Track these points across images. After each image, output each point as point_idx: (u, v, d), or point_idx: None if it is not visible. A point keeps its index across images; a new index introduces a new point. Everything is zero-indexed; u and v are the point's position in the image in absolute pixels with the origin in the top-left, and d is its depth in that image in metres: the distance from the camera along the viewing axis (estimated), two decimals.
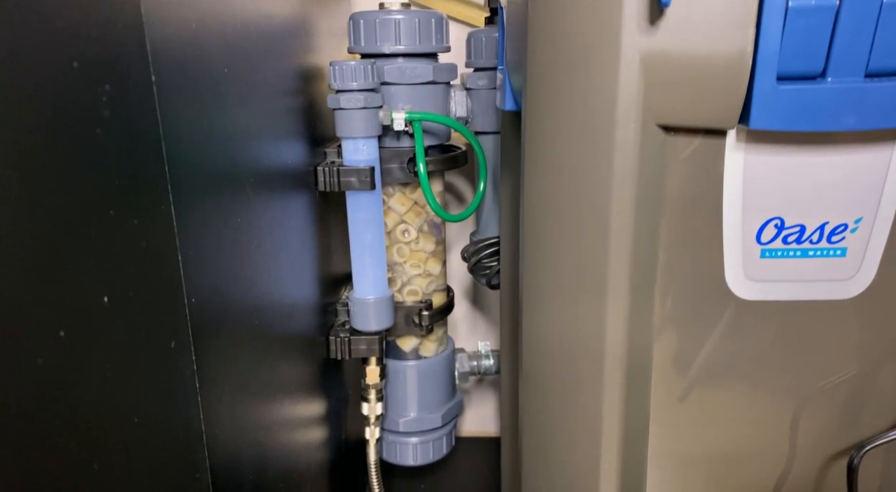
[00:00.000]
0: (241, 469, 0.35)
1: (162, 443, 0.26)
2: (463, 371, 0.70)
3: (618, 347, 0.36)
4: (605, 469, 0.38)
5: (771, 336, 0.36)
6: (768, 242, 0.34)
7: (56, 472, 0.19)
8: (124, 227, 0.23)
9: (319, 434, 0.57)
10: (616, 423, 0.38)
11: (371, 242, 0.58)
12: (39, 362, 0.18)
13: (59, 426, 0.19)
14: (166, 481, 0.26)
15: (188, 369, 0.27)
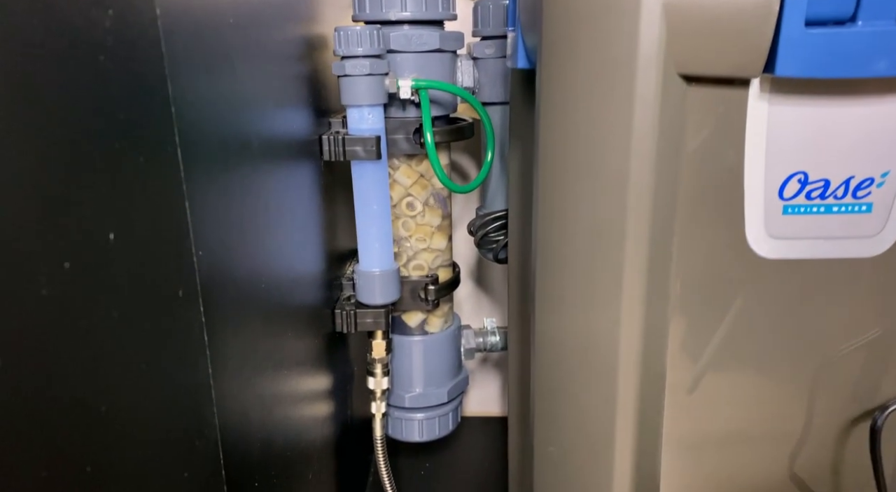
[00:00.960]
0: (250, 432, 0.34)
1: (170, 392, 0.25)
2: (469, 347, 0.70)
3: (635, 313, 0.35)
4: (619, 448, 0.37)
5: (792, 297, 0.35)
6: (791, 197, 0.33)
7: (58, 409, 0.18)
8: (130, 161, 0.22)
9: (325, 408, 0.56)
10: (632, 393, 0.37)
11: (377, 213, 0.57)
12: (43, 293, 0.17)
13: (63, 362, 0.18)
14: (174, 431, 0.25)
15: (196, 321, 0.26)
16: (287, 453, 0.42)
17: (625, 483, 0.39)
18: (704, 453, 0.39)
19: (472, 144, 0.82)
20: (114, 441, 0.21)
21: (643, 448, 0.38)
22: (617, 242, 0.34)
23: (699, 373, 0.37)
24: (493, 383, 0.93)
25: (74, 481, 0.19)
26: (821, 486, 0.40)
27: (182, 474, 0.25)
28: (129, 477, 0.22)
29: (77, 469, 0.19)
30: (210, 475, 0.28)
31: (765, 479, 0.40)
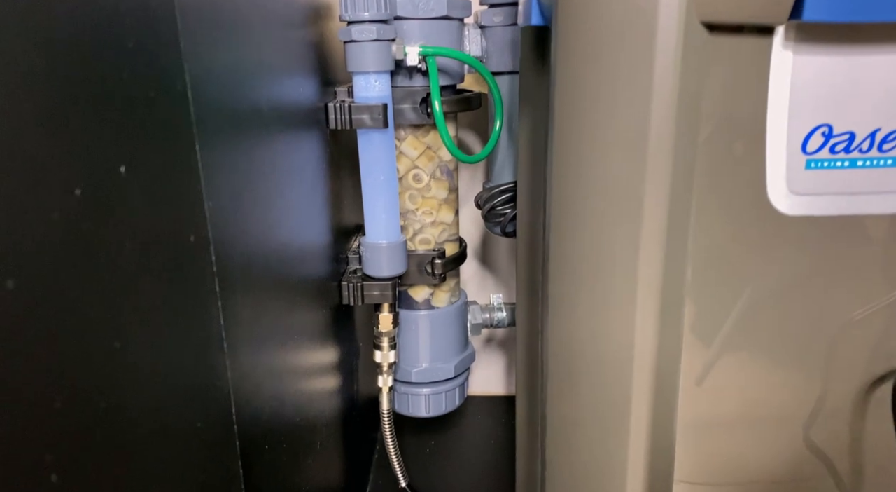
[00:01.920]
0: (259, 384, 0.33)
1: (182, 331, 0.24)
2: (475, 323, 0.69)
3: (653, 276, 0.34)
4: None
5: (814, 256, 0.34)
6: (814, 151, 0.32)
7: (70, 336, 0.17)
8: (142, 102, 0.21)
9: (332, 379, 0.55)
10: (649, 352, 0.36)
11: (383, 183, 0.56)
12: (55, 216, 0.16)
13: (75, 290, 0.18)
14: (186, 373, 0.24)
15: (209, 269, 0.26)
16: (296, 418, 0.41)
17: (640, 451, 0.39)
18: (722, 423, 0.39)
19: (476, 122, 0.81)
20: (126, 377, 0.20)
21: (658, 413, 0.37)
22: (635, 200, 0.34)
23: (719, 340, 0.36)
24: (498, 363, 0.93)
25: (88, 415, 0.18)
26: (836, 454, 0.40)
27: (196, 424, 0.25)
28: (143, 412, 0.21)
29: (91, 404, 0.18)
30: (224, 427, 0.27)
31: (781, 450, 0.40)
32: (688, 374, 0.37)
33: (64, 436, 0.17)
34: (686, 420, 0.38)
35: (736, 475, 0.40)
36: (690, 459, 0.40)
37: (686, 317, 0.36)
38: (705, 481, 0.41)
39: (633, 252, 0.34)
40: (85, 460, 0.18)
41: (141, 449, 0.21)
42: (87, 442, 0.18)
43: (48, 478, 0.16)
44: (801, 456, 0.40)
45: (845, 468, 0.40)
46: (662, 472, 0.41)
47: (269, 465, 0.34)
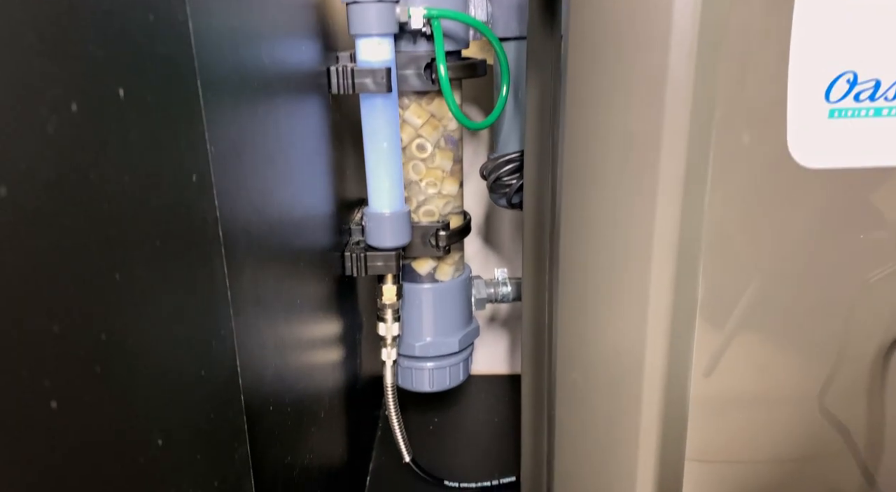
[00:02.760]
0: (263, 346, 0.32)
1: (182, 277, 0.23)
2: (480, 297, 0.68)
3: (671, 231, 0.33)
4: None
5: (835, 212, 0.33)
6: (838, 100, 0.31)
7: (64, 261, 0.16)
8: (140, 18, 0.20)
9: (335, 351, 0.54)
10: (664, 318, 0.35)
11: (387, 150, 0.54)
12: (50, 129, 0.15)
13: (71, 213, 0.16)
14: (187, 315, 0.23)
15: (210, 212, 0.25)
16: (299, 385, 0.40)
17: (652, 429, 0.38)
18: (735, 399, 0.38)
19: (480, 96, 0.80)
20: (127, 311, 0.19)
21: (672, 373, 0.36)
22: (652, 153, 0.33)
23: (736, 298, 0.35)
24: (501, 342, 0.92)
25: (87, 346, 0.17)
26: (853, 426, 0.39)
27: (200, 373, 0.24)
28: (144, 352, 0.20)
29: (91, 335, 0.17)
30: (227, 380, 0.26)
31: (796, 426, 0.39)
32: (702, 341, 0.36)
33: (62, 363, 0.16)
34: (699, 397, 0.37)
35: (749, 453, 0.40)
36: (702, 436, 0.39)
37: (702, 275, 0.35)
38: (717, 459, 0.40)
39: (650, 208, 0.33)
40: (85, 391, 0.17)
41: (143, 389, 0.20)
42: (86, 373, 0.17)
43: (48, 403, 0.15)
44: (816, 430, 0.39)
45: (862, 441, 0.39)
46: (674, 450, 0.40)
47: (274, 425, 0.34)
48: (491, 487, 0.67)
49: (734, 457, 0.40)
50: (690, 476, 0.40)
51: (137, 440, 0.20)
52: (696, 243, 0.34)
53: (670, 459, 0.40)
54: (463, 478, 0.67)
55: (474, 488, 0.67)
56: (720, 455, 0.40)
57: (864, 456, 0.40)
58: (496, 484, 0.67)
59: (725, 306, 0.35)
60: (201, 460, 0.24)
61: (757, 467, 0.40)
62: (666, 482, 0.40)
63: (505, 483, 0.67)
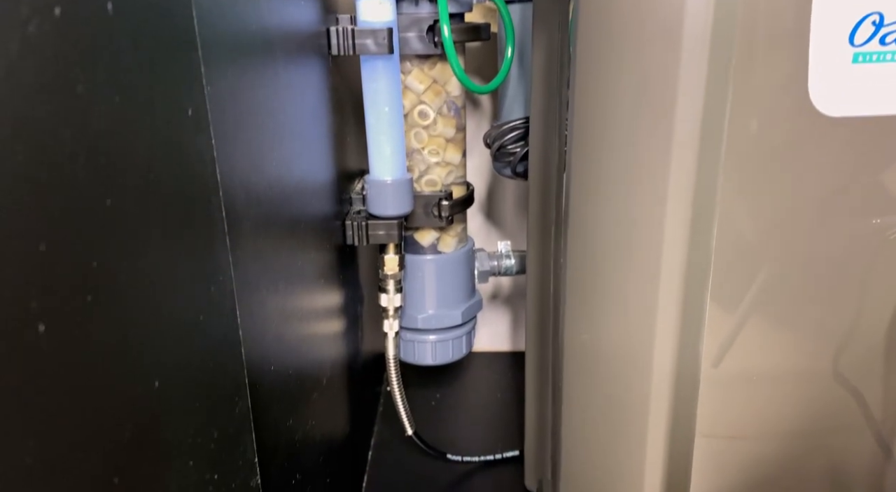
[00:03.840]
0: (264, 303, 0.31)
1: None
2: (483, 270, 0.67)
3: (685, 176, 0.32)
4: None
5: (858, 163, 0.32)
6: (863, 43, 0.30)
7: (49, 176, 0.15)
8: None
9: (336, 322, 0.53)
10: (678, 272, 0.34)
11: (388, 115, 0.53)
12: (30, 30, 0.14)
13: (54, 130, 0.15)
14: (185, 252, 0.22)
15: (206, 142, 0.23)
16: (301, 347, 0.39)
17: (662, 404, 0.37)
18: (747, 372, 0.37)
19: (483, 65, 0.78)
20: (118, 238, 0.18)
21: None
22: (668, 100, 0.31)
23: (752, 250, 0.34)
24: (503, 320, 0.91)
25: (78, 272, 0.16)
26: (868, 393, 0.38)
27: (198, 317, 0.23)
28: (138, 287, 0.19)
29: (80, 261, 0.16)
30: (227, 329, 0.25)
31: (810, 398, 0.38)
32: (715, 297, 0.35)
33: (50, 285, 0.15)
34: (709, 371, 0.36)
35: (761, 428, 0.39)
36: (713, 412, 0.38)
37: (716, 228, 0.33)
38: (728, 434, 0.40)
39: (665, 158, 0.32)
40: (75, 320, 0.16)
41: (138, 326, 0.19)
42: (76, 301, 0.16)
43: (35, 326, 0.14)
44: (830, 401, 0.38)
45: (878, 409, 0.39)
46: (684, 425, 0.39)
47: (275, 385, 0.33)
48: (494, 460, 0.66)
49: (746, 432, 0.39)
50: (700, 451, 0.39)
51: (132, 378, 0.19)
52: (712, 196, 0.33)
53: (681, 434, 0.39)
54: (466, 452, 0.66)
55: (477, 462, 0.66)
56: (731, 431, 0.39)
57: (880, 425, 0.39)
58: (499, 458, 0.66)
59: (741, 259, 0.34)
60: (200, 409, 0.23)
61: (769, 441, 0.39)
62: (676, 456, 0.40)
63: (508, 457, 0.66)
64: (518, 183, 0.87)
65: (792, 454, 0.40)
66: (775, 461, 0.40)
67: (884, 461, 0.40)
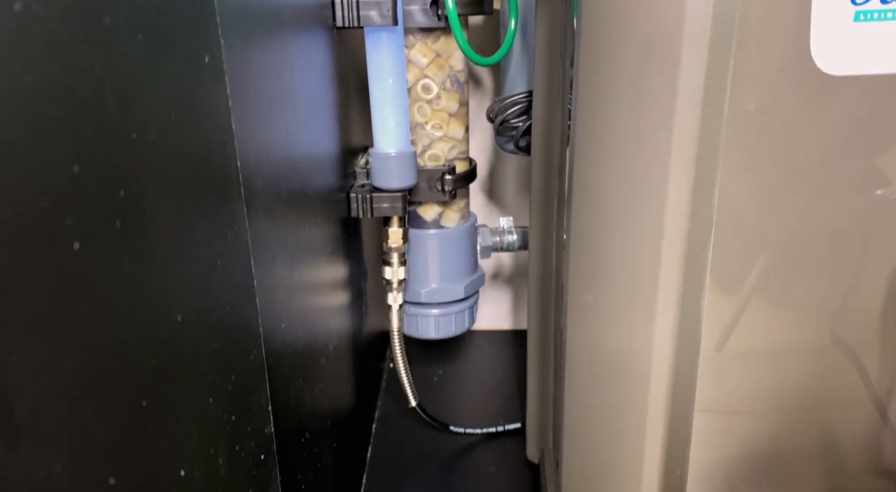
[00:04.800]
0: (275, 264, 0.32)
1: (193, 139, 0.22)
2: (485, 245, 0.68)
3: (688, 139, 0.33)
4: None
5: (861, 121, 0.33)
6: (864, 1, 0.30)
7: (77, 89, 0.16)
8: None
9: (341, 293, 0.54)
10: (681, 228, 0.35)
11: (392, 87, 0.53)
12: None
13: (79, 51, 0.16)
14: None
15: (221, 87, 0.24)
16: (308, 312, 0.40)
17: (662, 381, 0.38)
18: (746, 345, 0.37)
19: (483, 44, 0.78)
20: (147, 160, 0.19)
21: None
22: (671, 58, 0.32)
23: (754, 208, 0.35)
24: (504, 299, 0.92)
25: (108, 198, 0.17)
26: (866, 357, 0.39)
27: (216, 262, 0.23)
28: (157, 214, 0.20)
29: (110, 187, 0.17)
30: (242, 275, 0.26)
31: (808, 364, 0.39)
32: (716, 265, 0.36)
33: (83, 206, 0.15)
34: (709, 349, 0.37)
35: (759, 403, 0.40)
36: (712, 388, 0.39)
37: (718, 190, 0.34)
38: (727, 409, 0.40)
39: (668, 117, 0.33)
40: (105, 240, 0.16)
41: (160, 259, 0.20)
42: (106, 225, 0.17)
43: (71, 243, 0.15)
44: (828, 373, 0.39)
45: (875, 376, 0.39)
46: (683, 401, 0.40)
47: (286, 343, 0.33)
48: (496, 433, 0.67)
49: (744, 407, 0.40)
50: (699, 425, 0.40)
51: (157, 308, 0.19)
52: (715, 157, 0.33)
53: (680, 410, 0.40)
54: (468, 425, 0.67)
55: (480, 434, 0.67)
56: (730, 406, 0.40)
57: (878, 399, 0.40)
58: (501, 430, 0.67)
59: (743, 225, 0.35)
60: (218, 350, 0.23)
61: (767, 416, 0.40)
62: (675, 429, 0.41)
63: (510, 429, 0.67)
64: (520, 164, 0.87)
65: (790, 428, 0.41)
66: (773, 435, 0.41)
67: (881, 434, 0.41)
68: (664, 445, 0.41)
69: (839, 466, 0.42)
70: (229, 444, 0.24)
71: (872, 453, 0.42)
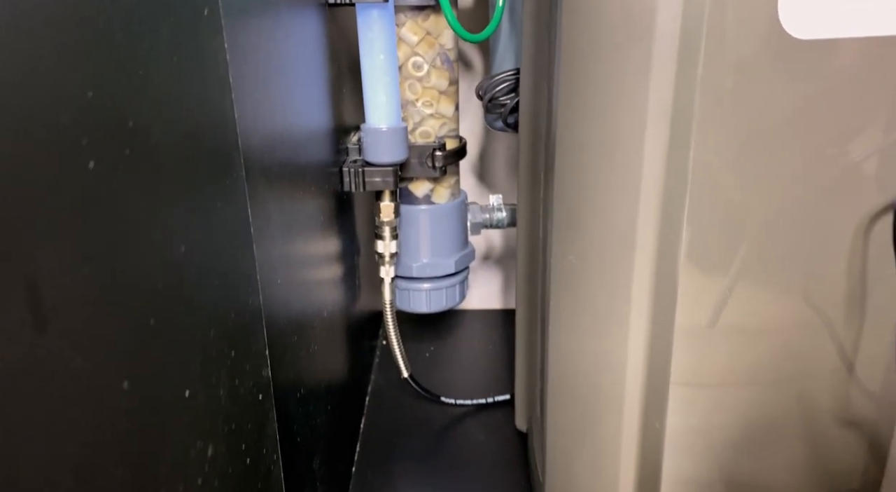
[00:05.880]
0: (270, 225, 0.33)
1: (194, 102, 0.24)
2: (475, 222, 0.69)
3: (663, 100, 0.34)
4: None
5: (828, 84, 0.34)
6: None
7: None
8: None
9: (334, 264, 0.56)
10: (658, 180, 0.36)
11: (384, 63, 0.55)
12: None
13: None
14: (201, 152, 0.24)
15: (220, 40, 0.25)
16: (301, 276, 0.42)
17: (639, 354, 0.40)
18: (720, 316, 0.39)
19: (473, 27, 0.80)
20: (152, 102, 0.20)
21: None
22: (647, 26, 0.34)
23: (726, 171, 0.37)
24: (494, 280, 0.94)
25: (120, 124, 0.18)
26: (834, 315, 0.41)
27: (215, 203, 0.25)
28: (165, 136, 0.21)
29: (119, 116, 0.18)
30: (241, 225, 0.27)
31: (779, 338, 0.40)
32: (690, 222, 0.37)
33: (97, 129, 0.17)
34: (683, 323, 0.39)
35: (732, 376, 0.42)
36: (687, 362, 0.41)
37: (693, 149, 0.36)
38: (701, 382, 0.42)
39: (644, 80, 0.34)
40: (117, 165, 0.18)
41: (165, 188, 0.21)
42: (118, 149, 0.18)
43: (87, 162, 0.16)
44: (799, 345, 0.41)
45: (844, 353, 0.41)
46: (659, 374, 0.42)
47: (282, 297, 0.35)
48: (486, 403, 0.69)
49: (717, 380, 0.42)
50: (676, 395, 0.42)
51: (163, 236, 0.21)
52: (689, 116, 0.35)
53: (656, 383, 0.42)
54: (459, 396, 0.69)
55: (470, 405, 0.69)
56: (704, 379, 0.42)
57: (847, 367, 0.42)
58: (491, 401, 0.69)
59: (717, 184, 0.37)
60: (219, 286, 0.25)
61: (739, 388, 0.42)
62: (652, 396, 0.42)
63: (500, 400, 0.69)
64: (510, 147, 0.89)
65: (761, 399, 0.43)
66: (745, 405, 0.43)
67: (848, 399, 0.43)
68: (641, 406, 0.43)
69: (812, 430, 0.44)
70: (230, 377, 0.26)
71: (843, 412, 0.44)
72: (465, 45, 0.82)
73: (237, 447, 0.26)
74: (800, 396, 0.43)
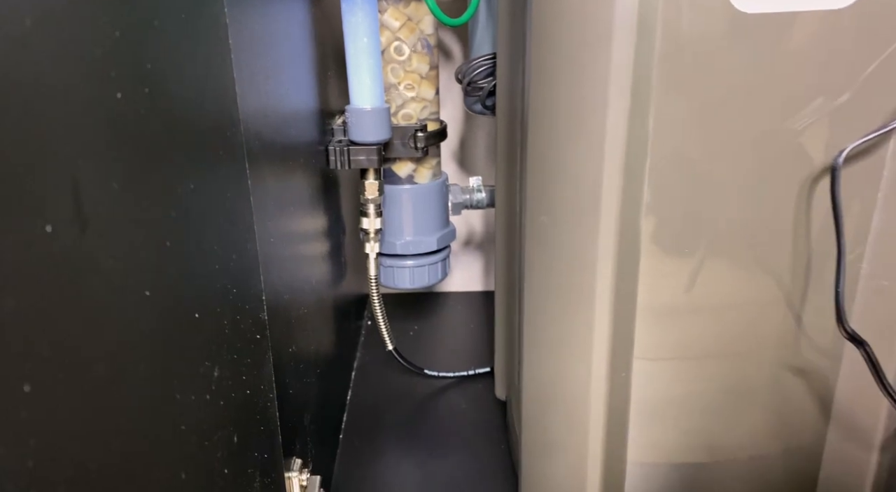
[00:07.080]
0: (267, 195, 0.36)
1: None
2: (456, 202, 0.72)
3: (624, 69, 0.38)
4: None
5: (773, 55, 0.38)
6: None
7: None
8: None
9: (322, 240, 0.58)
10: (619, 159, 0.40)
11: (367, 46, 0.58)
12: None
13: None
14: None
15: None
16: (291, 244, 0.44)
17: (603, 331, 0.43)
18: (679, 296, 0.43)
19: (452, 11, 0.83)
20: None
21: None
22: (607, 10, 0.37)
23: (681, 140, 0.40)
24: (475, 263, 0.97)
25: (137, 46, 0.21)
26: (785, 275, 0.44)
27: (218, 154, 0.27)
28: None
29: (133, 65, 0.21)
30: (238, 173, 0.30)
31: (733, 314, 0.44)
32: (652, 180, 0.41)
33: (122, 64, 0.20)
34: (644, 301, 0.42)
35: (690, 350, 0.45)
36: (648, 339, 0.44)
37: (652, 118, 0.39)
38: (661, 357, 0.46)
39: (606, 51, 0.37)
40: (139, 100, 0.20)
41: (177, 124, 0.24)
42: (139, 87, 0.21)
43: (115, 94, 0.19)
44: (754, 319, 0.44)
45: (791, 291, 0.45)
46: (623, 350, 0.45)
47: (275, 253, 0.37)
48: (468, 376, 0.72)
49: (677, 354, 0.45)
50: (638, 368, 0.45)
51: (174, 178, 0.23)
52: (648, 84, 0.38)
53: (620, 358, 0.45)
54: (442, 369, 0.72)
55: (452, 377, 0.72)
56: (663, 354, 0.45)
57: (797, 312, 0.45)
58: (472, 373, 0.72)
59: (677, 153, 0.40)
60: (220, 226, 0.28)
61: (699, 362, 0.46)
62: (617, 369, 0.46)
63: (480, 372, 0.72)
64: (489, 132, 0.92)
65: (721, 372, 0.46)
66: (706, 377, 0.46)
67: (799, 357, 0.47)
68: (608, 381, 0.46)
69: (769, 393, 0.47)
70: (232, 311, 0.28)
71: (795, 372, 0.48)
72: (445, 34, 0.85)
73: (238, 376, 0.29)
74: (758, 362, 0.47)
